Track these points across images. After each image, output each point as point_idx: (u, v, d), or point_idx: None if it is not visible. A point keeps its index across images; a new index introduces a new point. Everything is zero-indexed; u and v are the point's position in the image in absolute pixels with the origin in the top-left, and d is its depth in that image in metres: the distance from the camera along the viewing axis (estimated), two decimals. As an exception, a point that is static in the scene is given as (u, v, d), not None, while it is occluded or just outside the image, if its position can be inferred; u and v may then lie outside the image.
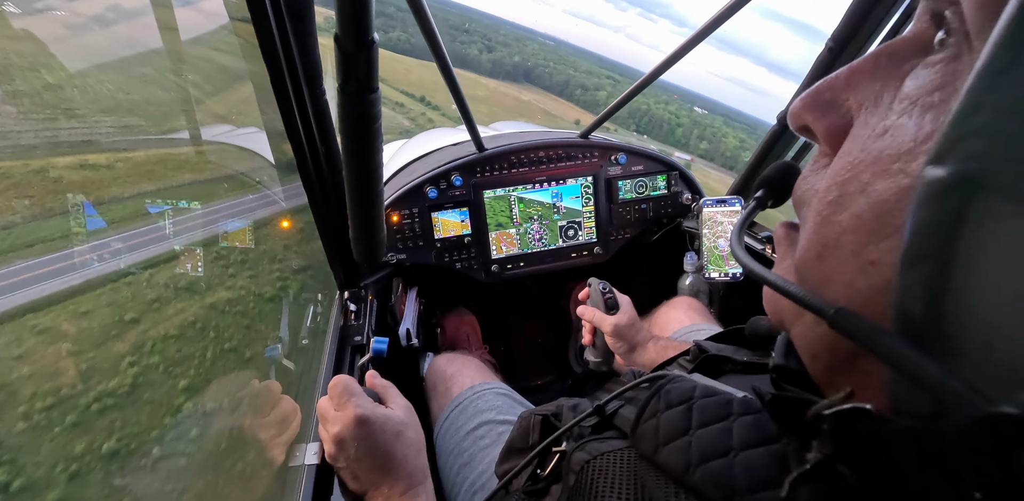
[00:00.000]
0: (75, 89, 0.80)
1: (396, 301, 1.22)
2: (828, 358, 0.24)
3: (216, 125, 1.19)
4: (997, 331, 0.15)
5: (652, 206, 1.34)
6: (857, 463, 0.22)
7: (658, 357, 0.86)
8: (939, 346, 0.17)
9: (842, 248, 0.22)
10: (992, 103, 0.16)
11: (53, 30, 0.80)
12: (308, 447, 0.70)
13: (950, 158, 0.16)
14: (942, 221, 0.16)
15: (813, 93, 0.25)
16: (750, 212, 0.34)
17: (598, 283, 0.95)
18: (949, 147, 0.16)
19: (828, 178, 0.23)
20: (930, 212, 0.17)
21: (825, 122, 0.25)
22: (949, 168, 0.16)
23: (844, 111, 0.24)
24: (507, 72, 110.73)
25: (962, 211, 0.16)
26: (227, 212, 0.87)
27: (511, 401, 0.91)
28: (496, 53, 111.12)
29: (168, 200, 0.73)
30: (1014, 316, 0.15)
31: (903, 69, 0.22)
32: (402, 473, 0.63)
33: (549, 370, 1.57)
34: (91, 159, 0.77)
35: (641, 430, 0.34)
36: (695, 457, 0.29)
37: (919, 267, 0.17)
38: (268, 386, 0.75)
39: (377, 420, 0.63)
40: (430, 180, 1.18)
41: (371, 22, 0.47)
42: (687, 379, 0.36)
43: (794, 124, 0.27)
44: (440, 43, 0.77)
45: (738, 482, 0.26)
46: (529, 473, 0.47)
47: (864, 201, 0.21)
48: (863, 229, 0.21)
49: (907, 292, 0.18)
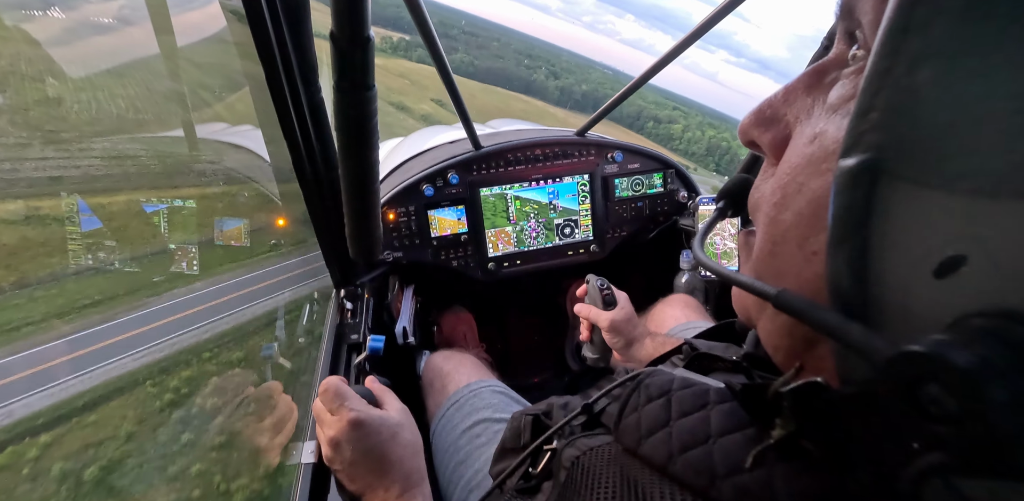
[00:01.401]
0: (77, 104, 0.66)
1: (392, 299, 1.22)
2: (787, 346, 0.27)
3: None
4: (907, 289, 0.18)
5: (648, 204, 1.35)
6: (819, 438, 0.24)
7: (655, 353, 0.87)
8: (863, 311, 0.20)
9: (789, 243, 0.24)
10: (879, 101, 0.18)
11: (83, 36, 0.68)
12: (305, 445, 0.70)
13: (855, 151, 0.19)
14: (855, 204, 0.19)
15: (756, 111, 0.28)
16: (712, 221, 0.37)
17: (596, 280, 0.95)
18: (854, 142, 0.19)
19: (772, 183, 0.26)
20: (845, 198, 0.20)
21: (768, 136, 0.27)
22: (855, 159, 0.19)
23: (783, 125, 0.27)
24: (576, 101, 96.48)
25: (869, 193, 0.19)
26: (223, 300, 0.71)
27: (507, 399, 0.91)
28: (562, 80, 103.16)
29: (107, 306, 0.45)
30: (917, 275, 0.18)
31: (828, 83, 0.25)
32: (398, 475, 0.63)
33: (546, 368, 1.57)
34: (45, 207, 0.53)
35: (623, 425, 0.34)
36: (676, 447, 0.30)
37: (842, 246, 0.20)
38: (268, 386, 0.75)
39: (372, 423, 0.63)
40: (426, 178, 1.17)
41: (367, 18, 0.47)
42: (665, 373, 0.37)
43: (743, 139, 0.29)
44: (435, 38, 0.77)
45: (718, 468, 0.27)
46: (522, 473, 0.47)
47: (802, 199, 0.23)
48: (803, 224, 0.23)
49: (834, 269, 0.20)
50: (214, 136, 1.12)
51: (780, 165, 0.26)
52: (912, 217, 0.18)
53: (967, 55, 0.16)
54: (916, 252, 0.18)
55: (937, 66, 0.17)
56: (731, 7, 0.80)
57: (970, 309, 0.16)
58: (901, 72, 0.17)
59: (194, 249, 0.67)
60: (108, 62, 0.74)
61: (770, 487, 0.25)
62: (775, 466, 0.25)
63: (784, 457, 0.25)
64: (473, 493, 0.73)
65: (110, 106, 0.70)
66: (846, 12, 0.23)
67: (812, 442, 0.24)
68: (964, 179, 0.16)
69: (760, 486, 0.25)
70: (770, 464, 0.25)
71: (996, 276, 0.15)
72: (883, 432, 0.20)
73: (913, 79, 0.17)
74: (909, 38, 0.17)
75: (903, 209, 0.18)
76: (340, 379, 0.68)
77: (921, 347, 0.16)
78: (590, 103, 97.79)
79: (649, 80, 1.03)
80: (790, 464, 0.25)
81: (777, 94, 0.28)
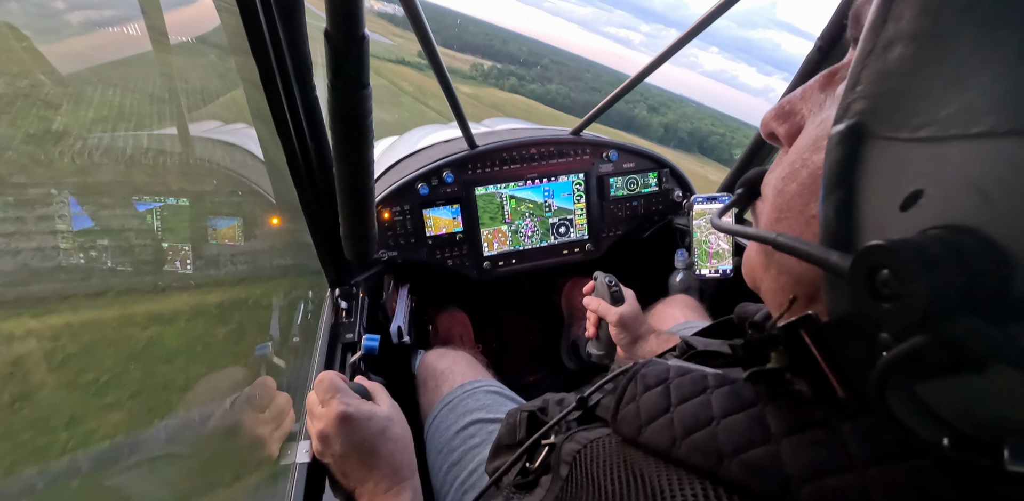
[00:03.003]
0: (81, 140, 0.58)
1: (387, 298, 1.22)
2: (786, 302, 0.30)
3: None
4: (881, 224, 0.22)
5: (643, 203, 1.35)
6: (809, 373, 0.27)
7: (658, 349, 0.87)
8: (846, 248, 0.23)
9: (792, 210, 0.28)
10: (863, 77, 0.23)
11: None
12: (300, 445, 0.69)
13: (844, 118, 0.24)
14: (842, 160, 0.23)
15: (777, 107, 0.32)
16: (730, 204, 0.40)
17: (604, 276, 0.95)
18: (843, 112, 0.24)
19: (784, 163, 0.30)
20: (834, 155, 0.24)
21: (786, 127, 0.31)
22: (843, 124, 0.23)
23: (799, 118, 0.31)
24: (680, 140, 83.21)
25: (854, 150, 0.23)
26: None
27: (502, 399, 0.91)
28: (662, 116, 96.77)
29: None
30: (888, 211, 0.22)
31: (837, 80, 0.29)
32: (388, 469, 0.63)
33: (542, 366, 1.58)
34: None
35: (621, 415, 0.35)
36: (679, 431, 0.30)
37: (831, 195, 0.24)
38: (264, 382, 0.75)
39: (361, 416, 0.63)
40: (421, 177, 1.17)
41: (362, 17, 0.47)
42: (661, 362, 0.37)
43: (763, 131, 0.33)
44: (429, 35, 0.77)
45: (724, 447, 0.27)
46: (519, 468, 0.47)
47: (806, 171, 0.28)
48: (805, 192, 0.27)
49: (825, 214, 0.24)
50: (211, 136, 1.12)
51: (792, 148, 0.30)
52: (885, 166, 0.22)
53: (924, 39, 0.21)
54: (887, 193, 0.22)
55: (903, 47, 0.21)
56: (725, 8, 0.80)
57: (925, 227, 0.20)
58: (878, 53, 0.22)
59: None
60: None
61: (778, 459, 0.25)
62: (782, 440, 0.27)
63: (772, 393, 0.28)
64: (468, 494, 0.73)
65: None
66: (854, 20, 0.27)
67: (804, 379, 0.27)
68: (920, 130, 0.20)
69: (769, 459, 0.26)
70: (752, 380, 0.29)
71: (943, 201, 0.19)
72: (857, 350, 0.24)
73: (886, 57, 0.22)
74: (886, 26, 0.22)
75: (878, 161, 0.22)
76: (336, 373, 0.68)
77: (880, 241, 0.19)
78: (695, 142, 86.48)
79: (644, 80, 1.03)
80: (779, 404, 0.28)
81: (796, 93, 0.31)
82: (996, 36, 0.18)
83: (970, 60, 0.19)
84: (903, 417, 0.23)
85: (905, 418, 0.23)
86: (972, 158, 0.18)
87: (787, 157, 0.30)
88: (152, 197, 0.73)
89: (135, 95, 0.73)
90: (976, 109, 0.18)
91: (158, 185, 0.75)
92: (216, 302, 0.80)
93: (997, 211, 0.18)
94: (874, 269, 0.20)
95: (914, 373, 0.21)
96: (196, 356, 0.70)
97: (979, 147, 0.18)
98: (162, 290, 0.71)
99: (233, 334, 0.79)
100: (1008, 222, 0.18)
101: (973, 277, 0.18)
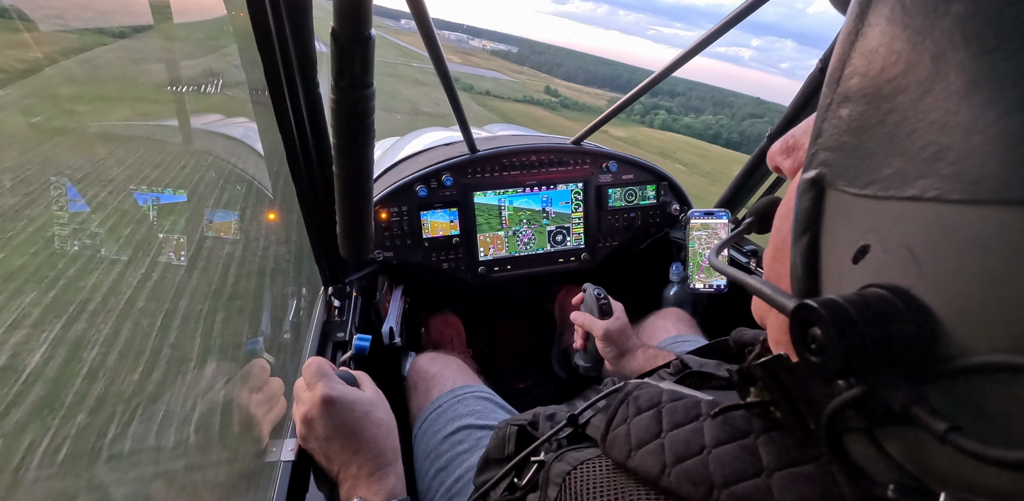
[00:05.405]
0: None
1: (381, 299, 1.21)
2: (785, 342, 0.30)
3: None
4: (838, 274, 0.23)
5: (640, 215, 1.36)
6: (785, 406, 0.28)
7: (646, 365, 0.87)
8: (813, 293, 0.24)
9: (784, 250, 0.29)
10: (824, 128, 0.24)
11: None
12: (285, 443, 0.69)
13: (811, 166, 0.25)
14: (808, 208, 0.24)
15: (782, 141, 0.33)
16: (734, 235, 0.41)
17: (593, 288, 0.96)
18: (810, 159, 0.25)
19: (784, 199, 0.31)
20: (802, 203, 0.25)
21: (789, 162, 0.32)
22: (811, 173, 0.25)
23: (802, 153, 0.31)
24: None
25: (818, 200, 0.24)
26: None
27: (492, 405, 0.90)
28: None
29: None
30: (843, 262, 0.22)
31: None
32: (371, 453, 0.63)
33: (532, 374, 1.57)
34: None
35: (611, 437, 0.35)
36: (669, 458, 0.30)
37: (799, 242, 0.25)
38: (259, 363, 0.75)
39: (344, 400, 0.63)
40: (421, 179, 1.17)
41: (369, 17, 0.47)
42: (653, 386, 0.37)
43: (770, 165, 0.34)
44: (436, 41, 0.78)
45: (715, 477, 0.27)
46: (507, 484, 0.47)
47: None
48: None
49: (793, 260, 0.26)
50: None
51: (791, 186, 0.30)
52: (842, 217, 0.23)
53: (870, 100, 0.21)
54: (844, 244, 0.23)
55: (853, 104, 0.22)
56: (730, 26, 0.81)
57: (866, 283, 0.21)
58: (834, 108, 0.23)
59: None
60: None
61: (769, 494, 0.25)
62: (773, 475, 0.27)
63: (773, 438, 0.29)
64: (454, 500, 0.73)
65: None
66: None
67: (781, 411, 0.28)
68: (867, 187, 0.21)
69: (760, 493, 0.26)
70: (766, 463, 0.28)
71: (883, 259, 0.20)
72: (820, 391, 0.25)
73: (839, 114, 0.23)
74: (841, 82, 0.23)
75: (836, 212, 0.23)
76: (324, 360, 0.68)
77: (812, 302, 0.20)
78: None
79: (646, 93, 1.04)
80: (769, 436, 0.28)
81: (800, 126, 0.32)
82: (921, 107, 0.19)
83: (905, 125, 0.20)
84: (858, 457, 0.24)
85: (860, 459, 0.24)
86: (906, 220, 0.19)
87: (787, 195, 0.30)
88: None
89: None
90: (908, 173, 0.19)
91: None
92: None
93: (925, 274, 0.19)
94: (807, 324, 0.21)
95: (864, 418, 0.22)
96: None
97: (911, 210, 0.19)
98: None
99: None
100: (935, 285, 0.18)
101: (899, 338, 0.19)
